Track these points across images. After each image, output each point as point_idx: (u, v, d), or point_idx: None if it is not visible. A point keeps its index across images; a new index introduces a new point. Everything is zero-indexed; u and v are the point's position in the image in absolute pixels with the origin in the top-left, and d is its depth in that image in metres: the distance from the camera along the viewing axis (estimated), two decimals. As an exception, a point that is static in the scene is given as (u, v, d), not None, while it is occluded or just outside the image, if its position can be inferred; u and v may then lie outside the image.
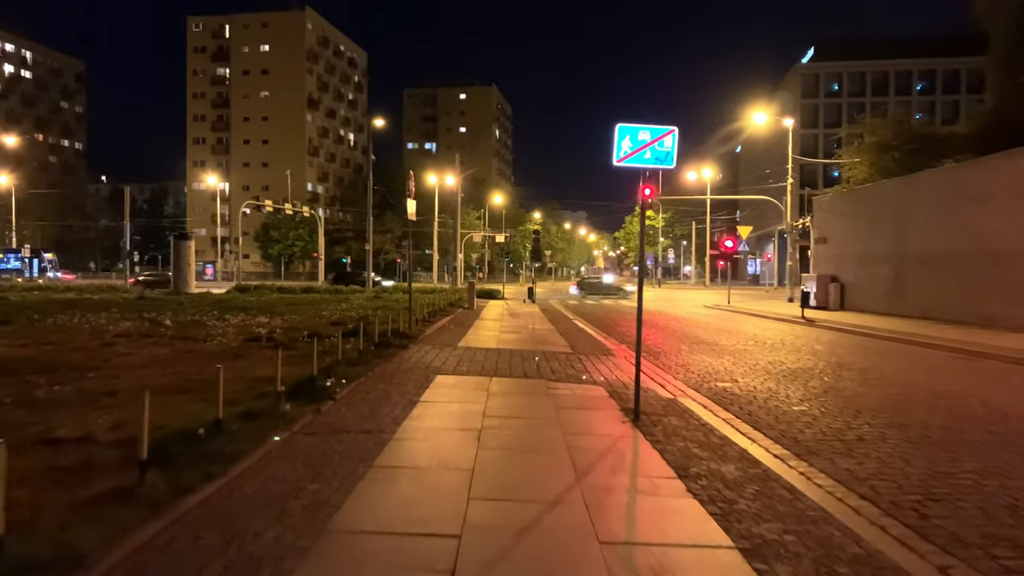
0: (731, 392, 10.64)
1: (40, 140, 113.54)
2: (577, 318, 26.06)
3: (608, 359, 13.84)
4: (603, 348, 15.94)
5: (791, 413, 9.09)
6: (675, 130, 7.69)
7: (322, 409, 7.64)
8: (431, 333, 17.49)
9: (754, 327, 23.27)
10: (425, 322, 19.92)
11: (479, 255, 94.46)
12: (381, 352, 12.49)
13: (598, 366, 12.73)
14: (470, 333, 18.28)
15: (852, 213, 30.75)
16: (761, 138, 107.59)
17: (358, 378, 9.71)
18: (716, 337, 19.42)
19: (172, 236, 43.68)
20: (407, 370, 11.06)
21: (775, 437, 7.76)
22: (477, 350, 14.29)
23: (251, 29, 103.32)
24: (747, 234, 38.65)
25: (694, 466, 6.12)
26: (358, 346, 12.56)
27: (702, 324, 24.30)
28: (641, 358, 13.57)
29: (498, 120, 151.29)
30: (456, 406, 8.41)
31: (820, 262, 33.97)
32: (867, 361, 14.58)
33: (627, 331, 21.23)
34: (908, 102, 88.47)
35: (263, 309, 24.41)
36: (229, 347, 13.22)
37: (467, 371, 11.30)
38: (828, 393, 10.58)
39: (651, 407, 8.78)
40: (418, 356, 12.90)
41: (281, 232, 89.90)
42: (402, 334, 15.13)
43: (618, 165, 7.70)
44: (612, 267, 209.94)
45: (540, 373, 11.48)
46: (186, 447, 5.51)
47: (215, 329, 16.96)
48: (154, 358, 11.70)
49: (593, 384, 10.67)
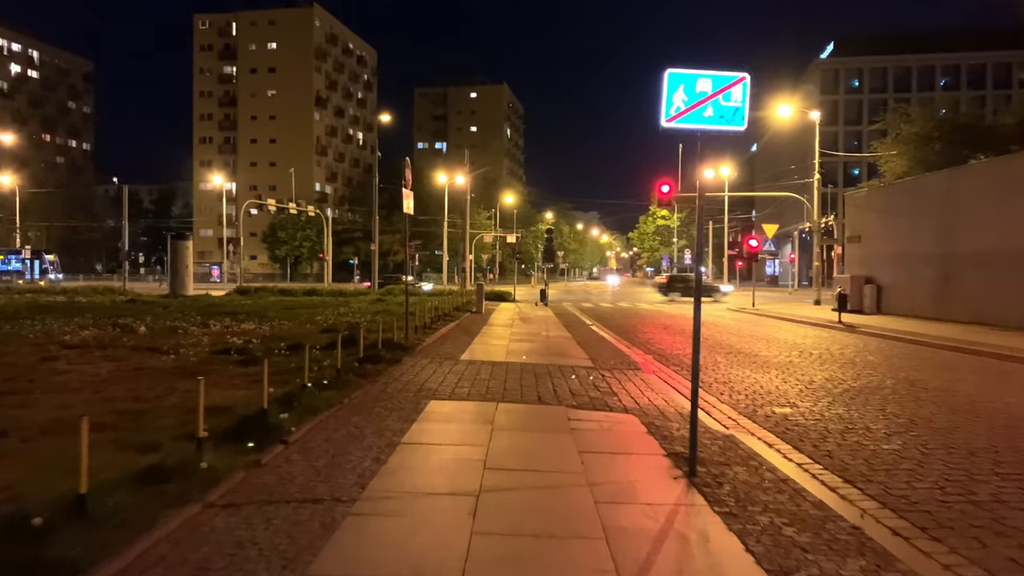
0: (795, 422, 8.56)
1: (47, 140, 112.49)
2: (594, 323, 23.99)
3: (635, 375, 11.77)
4: (628, 361, 13.86)
5: (883, 456, 7.00)
6: (746, 78, 5.63)
7: (264, 460, 5.61)
8: (431, 342, 15.46)
9: (790, 333, 21.12)
10: (427, 329, 17.91)
11: (490, 256, 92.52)
12: (367, 369, 10.47)
13: (626, 385, 10.67)
14: (476, 342, 16.25)
15: (890, 210, 28.51)
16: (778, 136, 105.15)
17: (328, 407, 7.69)
18: (752, 346, 17.30)
19: (169, 236, 41.92)
20: (394, 394, 9.03)
21: (878, 495, 5.70)
22: (482, 364, 12.25)
23: (258, 26, 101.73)
24: (772, 233, 36.46)
25: (800, 567, 4.05)
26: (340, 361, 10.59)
27: (732, 330, 22.17)
28: (675, 372, 11.40)
29: (509, 119, 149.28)
30: (449, 451, 6.37)
31: (853, 262, 31.76)
32: (940, 377, 12.43)
33: (650, 338, 19.13)
34: (931, 98, 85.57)
35: (254, 314, 22.52)
36: (189, 362, 11.24)
37: (468, 394, 9.26)
38: (916, 425, 8.47)
39: (705, 448, 6.71)
40: (411, 373, 10.87)
41: (288, 233, 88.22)
42: (396, 345, 13.11)
43: (667, 127, 5.63)
44: (624, 268, 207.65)
45: (557, 396, 9.43)
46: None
47: (188, 338, 15.05)
48: (93, 377, 9.74)
49: (624, 411, 8.62)
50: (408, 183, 13.82)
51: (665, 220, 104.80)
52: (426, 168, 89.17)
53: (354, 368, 10.22)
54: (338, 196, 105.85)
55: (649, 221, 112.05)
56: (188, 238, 41.26)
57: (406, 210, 13.83)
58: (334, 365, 10.05)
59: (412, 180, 14.10)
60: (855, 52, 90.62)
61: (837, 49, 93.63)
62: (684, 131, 5.68)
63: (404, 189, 13.62)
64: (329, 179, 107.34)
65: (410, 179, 13.86)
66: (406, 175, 13.79)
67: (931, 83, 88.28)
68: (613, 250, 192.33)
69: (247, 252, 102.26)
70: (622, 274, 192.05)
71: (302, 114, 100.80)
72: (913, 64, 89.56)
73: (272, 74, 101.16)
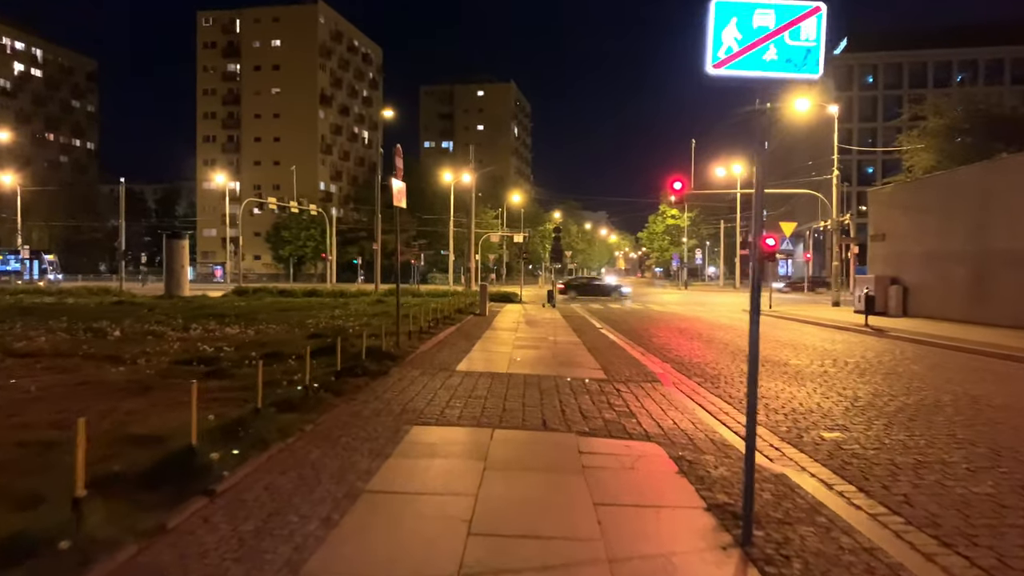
0: (851, 451, 7.09)
1: (51, 139, 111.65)
2: (605, 327, 22.52)
3: (654, 389, 10.32)
4: (644, 371, 12.40)
5: (977, 504, 5.52)
6: (821, 8, 4.16)
7: (171, 524, 4.18)
8: (426, 350, 14.03)
9: (816, 338, 19.59)
10: (423, 334, 16.47)
11: (496, 256, 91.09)
12: (345, 384, 9.04)
13: (644, 402, 9.22)
14: (476, 349, 14.81)
15: (917, 206, 26.92)
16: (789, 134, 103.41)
17: (283, 438, 6.25)
18: (779, 353, 15.80)
19: (165, 235, 40.64)
20: (370, 417, 7.59)
21: (992, 569, 4.24)
22: (481, 376, 10.80)
23: (262, 23, 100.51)
24: (790, 231, 34.85)
25: None
26: (317, 372, 9.19)
27: (743, 333, 20.57)
28: (698, 385, 10.01)
29: (516, 117, 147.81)
30: (426, 504, 4.93)
31: (876, 262, 30.18)
32: (1004, 392, 10.92)
33: (665, 343, 17.64)
34: (948, 94, 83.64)
35: (243, 316, 21.16)
36: (144, 375, 9.83)
37: (459, 416, 7.81)
38: (1001, 456, 6.99)
39: (756, 496, 5.23)
40: (397, 389, 9.43)
41: (292, 232, 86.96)
42: (385, 353, 11.68)
43: (714, 74, 4.17)
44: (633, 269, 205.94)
45: (565, 418, 7.97)
46: None
47: (160, 344, 13.65)
48: (22, 395, 8.34)
49: (645, 438, 7.17)
50: (399, 172, 12.39)
51: (675, 219, 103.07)
52: (432, 167, 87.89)
53: (329, 383, 8.79)
54: (343, 195, 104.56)
55: (659, 220, 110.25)
56: (184, 237, 39.88)
57: (396, 202, 12.41)
58: (317, 377, 8.65)
59: (417, 178, 12.76)
60: (869, 47, 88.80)
61: (851, 44, 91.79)
62: (737, 79, 4.21)
63: (394, 179, 12.19)
64: (334, 178, 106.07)
65: (401, 168, 12.44)
66: (397, 164, 12.36)
67: (947, 78, 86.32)
68: (621, 250, 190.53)
69: (252, 252, 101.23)
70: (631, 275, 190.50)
71: (307, 112, 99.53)
72: (929, 59, 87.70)
73: (276, 72, 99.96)
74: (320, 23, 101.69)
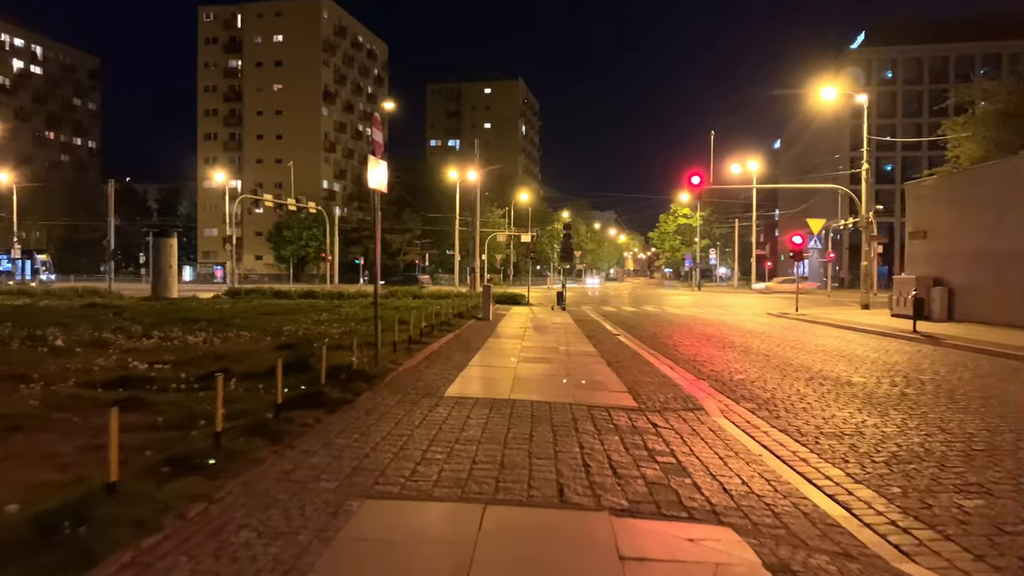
0: (1020, 533, 4.69)
1: (51, 138, 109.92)
2: (622, 333, 20.12)
3: (699, 421, 7.96)
4: (679, 392, 10.01)
5: None
6: None
7: None
8: (412, 366, 11.64)
9: (866, 347, 17.11)
10: (415, 344, 14.09)
11: (504, 256, 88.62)
12: (288, 422, 6.66)
13: (694, 445, 6.84)
14: (474, 363, 12.41)
15: (967, 200, 24.39)
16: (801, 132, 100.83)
17: (139, 535, 3.87)
18: (833, 366, 13.33)
19: (151, 233, 38.50)
20: (305, 483, 5.19)
21: None
22: (475, 405, 8.41)
23: (264, 18, 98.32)
24: (819, 228, 32.39)
25: None
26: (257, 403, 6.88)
27: (789, 341, 18.19)
28: (751, 412, 7.70)
29: (524, 115, 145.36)
30: None
31: (915, 261, 27.66)
32: None
33: (696, 354, 15.14)
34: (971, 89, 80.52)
35: (217, 321, 18.90)
36: (27, 406, 7.49)
37: (437, 480, 5.41)
38: None
39: None
40: (358, 429, 7.03)
41: (294, 232, 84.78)
42: (357, 373, 9.30)
43: None
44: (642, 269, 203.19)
45: (590, 477, 5.59)
46: None
47: (90, 358, 11.34)
48: None
49: (713, 518, 4.79)
50: (379, 149, 10.02)
51: (687, 219, 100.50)
52: (439, 166, 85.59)
53: (263, 423, 6.41)
54: (347, 194, 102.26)
55: (670, 220, 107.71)
56: (172, 235, 37.63)
57: (372, 185, 10.04)
58: (256, 408, 6.34)
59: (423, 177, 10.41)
60: (888, 42, 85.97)
61: (869, 39, 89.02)
62: None
63: (371, 156, 9.83)
64: (338, 176, 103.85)
65: (381, 144, 10.08)
66: (375, 139, 10.00)
67: (969, 73, 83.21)
68: (631, 251, 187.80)
69: (254, 252, 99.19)
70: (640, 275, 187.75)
71: (310, 109, 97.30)
72: (951, 53, 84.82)
73: (279, 68, 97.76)
74: (324, 18, 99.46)
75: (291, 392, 8.11)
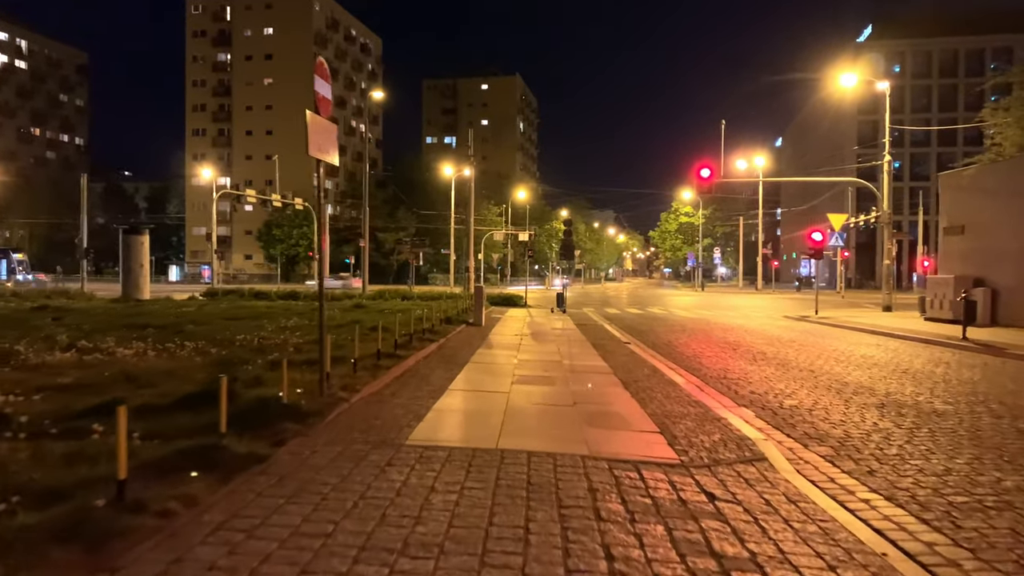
0: None
1: (37, 134, 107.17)
2: (632, 340, 17.61)
3: (767, 483, 5.42)
4: (725, 429, 7.47)
5: None
6: None
7: None
8: (373, 392, 9.06)
9: (921, 360, 14.57)
10: (387, 358, 11.52)
11: (500, 255, 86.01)
12: (137, 509, 4.10)
13: (776, 531, 4.27)
14: (454, 389, 9.81)
15: (1014, 191, 21.93)
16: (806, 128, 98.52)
17: None
18: (898, 388, 10.76)
19: (121, 230, 35.92)
20: None
21: None
22: (448, 460, 5.86)
23: (254, 11, 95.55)
24: (840, 224, 29.89)
25: None
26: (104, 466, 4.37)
27: (828, 352, 15.65)
28: (824, 459, 4.94)
29: (522, 112, 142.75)
30: None
31: (952, 259, 25.21)
32: None
33: (723, 368, 12.50)
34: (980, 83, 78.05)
35: (171, 327, 16.43)
36: None
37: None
38: None
39: None
40: (245, 527, 4.47)
41: (284, 231, 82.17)
42: (287, 409, 6.73)
43: None
44: (641, 269, 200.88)
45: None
46: None
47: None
48: None
49: None
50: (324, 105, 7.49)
51: (689, 217, 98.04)
52: (434, 163, 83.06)
53: (88, 518, 3.86)
54: (339, 191, 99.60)
55: (671, 219, 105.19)
56: (143, 232, 35.00)
57: (313, 152, 7.57)
58: (102, 477, 3.83)
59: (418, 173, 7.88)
60: (896, 35, 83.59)
61: (876, 32, 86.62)
62: None
63: (310, 113, 7.32)
64: (330, 173, 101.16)
65: (328, 99, 7.57)
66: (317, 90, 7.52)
67: (980, 67, 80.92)
68: (630, 250, 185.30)
69: (244, 251, 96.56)
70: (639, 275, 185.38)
71: (300, 104, 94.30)
72: (960, 47, 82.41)
73: (269, 61, 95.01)
74: (315, 10, 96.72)
75: (183, 442, 5.60)
